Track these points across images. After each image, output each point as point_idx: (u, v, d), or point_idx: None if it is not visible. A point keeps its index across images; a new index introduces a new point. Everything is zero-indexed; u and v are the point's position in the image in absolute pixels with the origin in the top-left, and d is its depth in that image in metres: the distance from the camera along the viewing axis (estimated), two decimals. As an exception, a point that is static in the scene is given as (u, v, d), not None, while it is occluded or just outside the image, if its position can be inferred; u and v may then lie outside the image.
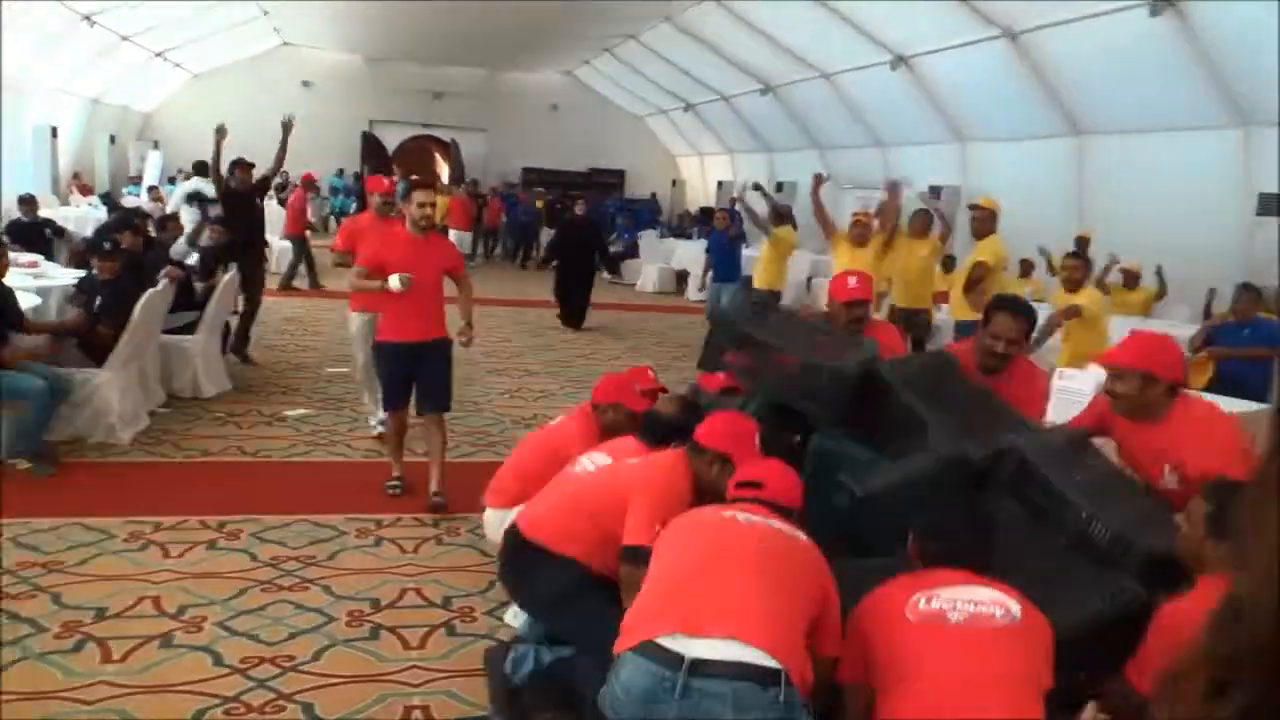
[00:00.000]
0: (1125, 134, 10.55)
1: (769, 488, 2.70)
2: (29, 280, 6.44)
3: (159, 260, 6.92)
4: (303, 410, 6.57)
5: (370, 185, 6.77)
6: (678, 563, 2.51)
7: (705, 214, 17.61)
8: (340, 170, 21.93)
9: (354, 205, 18.20)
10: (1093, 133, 11.06)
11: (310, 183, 14.53)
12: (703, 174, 23.83)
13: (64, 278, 6.95)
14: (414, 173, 14.35)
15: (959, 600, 2.30)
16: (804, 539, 2.57)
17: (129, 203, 14.90)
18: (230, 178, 7.74)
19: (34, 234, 9.75)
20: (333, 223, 19.35)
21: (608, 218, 19.00)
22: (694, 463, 3.12)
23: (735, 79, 17.26)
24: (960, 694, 2.17)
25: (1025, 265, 10.35)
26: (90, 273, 6.14)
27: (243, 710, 2.99)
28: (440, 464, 4.90)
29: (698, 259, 13.04)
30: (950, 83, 12.54)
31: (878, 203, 8.61)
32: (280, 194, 15.53)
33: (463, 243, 14.69)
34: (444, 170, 22.76)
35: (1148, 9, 8.78)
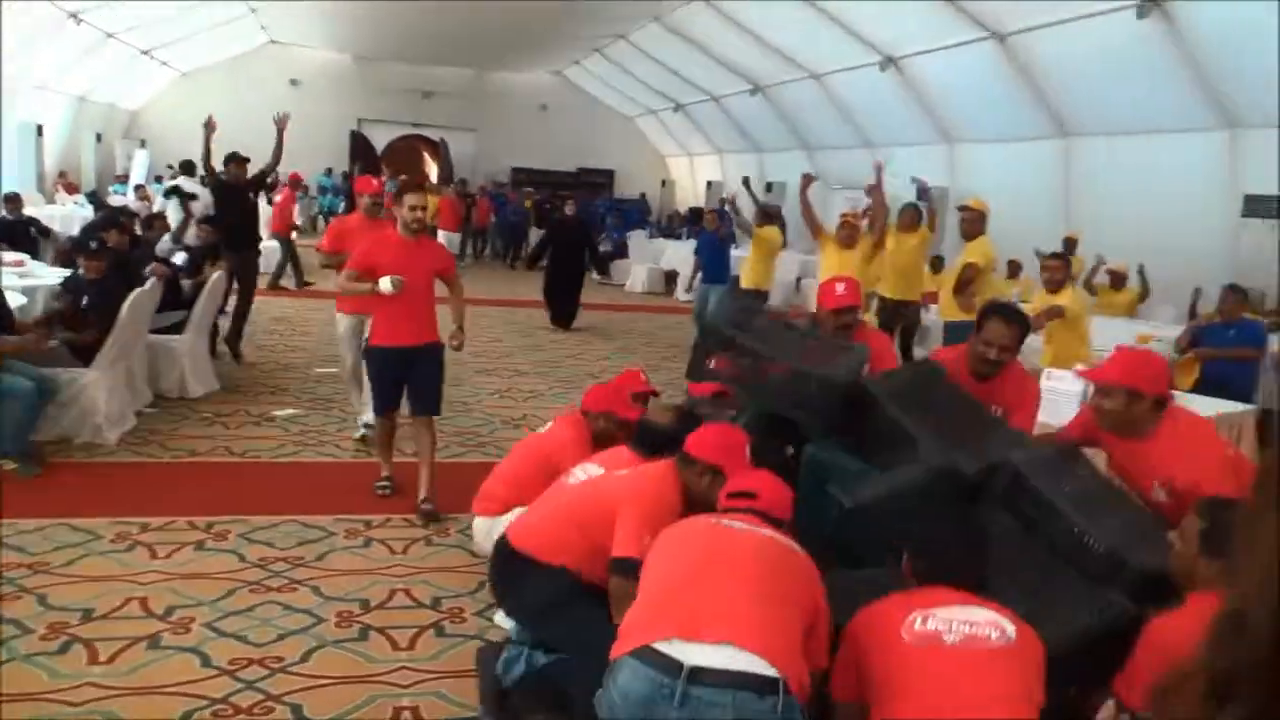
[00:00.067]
0: (1112, 135, 10.62)
1: (762, 498, 2.70)
2: (14, 280, 6.40)
3: (145, 259, 6.89)
4: (291, 410, 6.55)
5: (359, 186, 6.69)
6: (673, 569, 2.49)
7: (694, 214, 17.58)
8: (329, 170, 21.85)
9: (342, 205, 18.14)
10: (1080, 134, 11.13)
11: (298, 182, 14.48)
12: (692, 174, 23.84)
13: (50, 277, 6.91)
14: (403, 172, 14.36)
15: (955, 621, 2.29)
16: (798, 549, 2.56)
17: (115, 201, 14.83)
18: (223, 171, 7.69)
19: (19, 233, 9.69)
20: (321, 222, 19.24)
21: (597, 218, 18.98)
22: (684, 474, 3.10)
23: (724, 79, 17.29)
24: (955, 715, 2.16)
25: (1013, 266, 10.38)
26: (76, 272, 6.10)
27: (231, 712, 2.97)
28: (430, 468, 4.87)
29: (687, 259, 13.03)
30: (939, 84, 12.60)
31: (864, 207, 8.62)
32: (270, 193, 15.47)
33: (451, 243, 14.64)
34: (433, 170, 22.69)
35: (1135, 11, 8.85)
